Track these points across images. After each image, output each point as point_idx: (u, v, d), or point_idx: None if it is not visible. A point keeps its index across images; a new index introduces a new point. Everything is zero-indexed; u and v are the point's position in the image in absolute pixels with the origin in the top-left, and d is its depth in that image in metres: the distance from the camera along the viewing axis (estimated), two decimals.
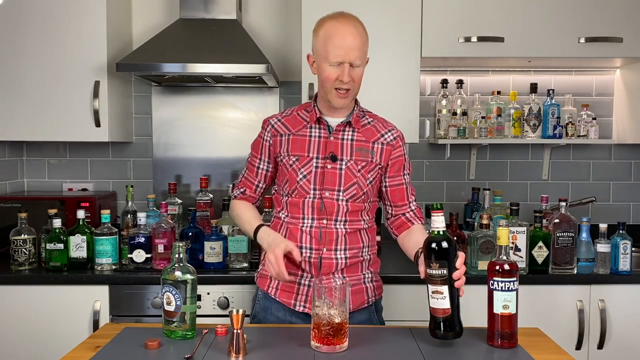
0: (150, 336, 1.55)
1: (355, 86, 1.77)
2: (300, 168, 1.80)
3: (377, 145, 1.83)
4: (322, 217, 1.79)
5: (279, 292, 1.84)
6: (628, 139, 2.91)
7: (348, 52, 1.71)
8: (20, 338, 2.35)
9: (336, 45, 1.70)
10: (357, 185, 1.80)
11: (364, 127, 1.85)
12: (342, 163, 1.80)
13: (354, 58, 1.71)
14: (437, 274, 1.49)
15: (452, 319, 1.50)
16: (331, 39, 1.71)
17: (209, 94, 2.99)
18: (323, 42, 1.73)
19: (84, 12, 2.59)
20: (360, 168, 1.80)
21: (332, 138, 1.81)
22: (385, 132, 1.86)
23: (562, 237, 2.41)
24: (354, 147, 1.81)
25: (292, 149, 1.82)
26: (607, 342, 2.41)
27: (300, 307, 1.82)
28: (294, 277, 1.78)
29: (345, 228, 1.80)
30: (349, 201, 1.80)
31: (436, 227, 1.51)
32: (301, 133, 1.83)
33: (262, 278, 1.91)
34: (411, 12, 2.61)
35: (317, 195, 1.79)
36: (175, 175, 3.00)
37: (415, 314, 2.34)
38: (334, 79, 1.73)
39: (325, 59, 1.73)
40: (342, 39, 1.71)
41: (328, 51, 1.72)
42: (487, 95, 2.95)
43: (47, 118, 2.61)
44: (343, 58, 1.71)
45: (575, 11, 2.61)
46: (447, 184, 3.07)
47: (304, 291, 1.81)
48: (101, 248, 2.40)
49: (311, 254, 1.79)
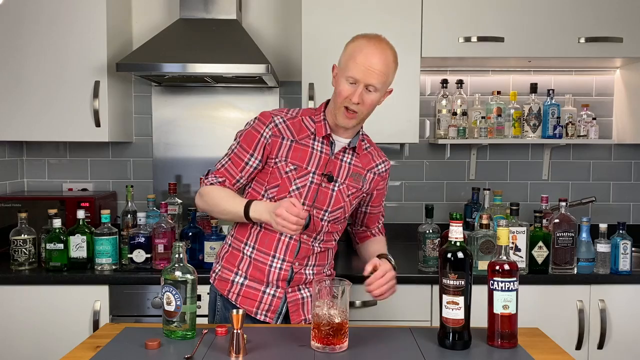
0: (150, 336, 1.55)
1: (364, 111, 1.71)
2: (295, 178, 1.75)
3: (369, 174, 1.86)
4: (304, 232, 1.77)
5: (240, 299, 1.80)
6: (628, 139, 2.91)
7: (367, 73, 1.65)
8: (20, 338, 2.35)
9: (358, 63, 1.66)
10: (342, 209, 1.81)
11: (363, 152, 1.86)
12: (336, 185, 1.79)
13: (371, 80, 1.66)
14: (454, 285, 1.49)
15: (462, 330, 1.50)
16: (356, 55, 1.67)
17: (209, 94, 2.99)
18: (347, 57, 1.69)
19: (84, 12, 2.59)
20: (350, 194, 1.82)
21: (334, 157, 1.79)
22: (379, 163, 1.89)
23: (562, 237, 2.41)
24: (351, 171, 1.82)
25: (291, 157, 1.76)
26: (607, 342, 2.41)
27: (261, 316, 1.79)
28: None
29: (320, 247, 1.83)
30: (330, 222, 1.81)
31: (454, 238, 1.51)
32: (304, 143, 1.77)
33: (222, 281, 1.84)
34: (411, 12, 2.61)
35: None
36: (175, 175, 3.00)
37: (415, 314, 2.35)
38: (345, 96, 1.68)
39: (344, 74, 1.69)
40: (365, 58, 1.65)
41: (348, 67, 1.67)
42: (487, 95, 2.95)
43: (47, 118, 2.61)
44: (360, 77, 1.66)
45: (575, 11, 2.61)
46: (447, 184, 3.07)
47: (268, 300, 1.79)
48: (101, 248, 2.40)
49: (282, 266, 1.78)
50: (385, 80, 1.69)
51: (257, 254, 1.79)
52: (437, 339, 1.55)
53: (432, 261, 2.40)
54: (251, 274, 1.79)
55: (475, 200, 2.89)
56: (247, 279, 1.80)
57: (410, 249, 2.67)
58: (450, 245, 1.51)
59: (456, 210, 2.43)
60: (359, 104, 1.68)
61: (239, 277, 1.81)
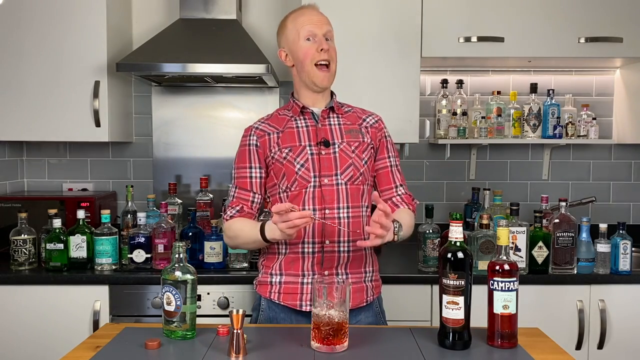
0: (150, 336, 1.55)
1: (335, 59, 1.80)
2: (295, 158, 1.78)
3: (363, 128, 1.86)
4: (323, 207, 1.76)
5: (282, 296, 1.81)
6: (628, 139, 2.91)
7: (318, 25, 1.78)
8: (20, 338, 2.35)
9: (306, 22, 1.77)
10: (353, 167, 1.79)
11: (346, 113, 1.88)
12: (335, 147, 1.80)
13: (325, 31, 1.78)
14: (454, 285, 1.49)
15: (462, 330, 1.51)
16: (299, 19, 1.79)
17: (209, 94, 2.99)
18: (292, 27, 1.80)
19: (84, 12, 2.59)
20: (354, 149, 1.81)
21: (320, 125, 1.82)
22: (366, 117, 1.89)
23: (562, 237, 2.41)
24: (343, 130, 1.83)
25: (282, 142, 1.80)
26: (607, 342, 2.41)
27: (307, 307, 1.78)
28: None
29: (348, 216, 1.77)
30: (347, 183, 1.78)
31: (454, 238, 1.51)
32: (288, 127, 1.83)
33: (262, 285, 1.86)
34: (411, 12, 2.61)
35: (317, 183, 1.76)
36: (175, 175, 3.00)
37: (415, 314, 2.34)
38: (312, 52, 1.76)
39: (298, 38, 1.78)
40: (309, 16, 1.79)
41: (299, 31, 1.78)
42: (487, 95, 2.95)
43: (47, 118, 2.61)
44: (315, 30, 1.77)
45: (575, 11, 2.61)
46: (447, 184, 3.07)
47: (308, 290, 1.78)
48: (101, 248, 2.40)
49: (314, 249, 1.76)
50: (333, 31, 1.82)
51: (289, 248, 1.80)
52: (437, 339, 1.55)
53: (432, 261, 2.40)
54: (286, 269, 1.80)
55: (475, 200, 2.89)
56: (284, 275, 1.81)
57: (410, 249, 2.67)
58: (450, 245, 1.51)
59: (456, 210, 2.43)
60: (328, 50, 1.77)
61: (276, 276, 1.83)
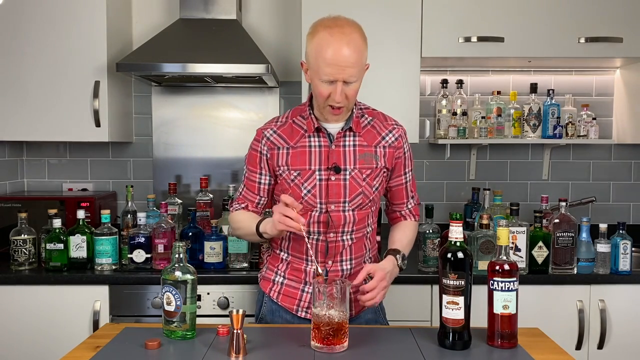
0: (150, 336, 1.55)
1: (350, 102, 1.66)
2: (303, 183, 1.71)
3: (379, 150, 1.75)
4: (329, 230, 1.74)
5: (281, 297, 1.82)
6: (628, 139, 2.91)
7: (341, 70, 1.57)
8: (20, 338, 2.35)
9: (328, 62, 1.57)
10: (362, 195, 1.73)
11: (364, 128, 1.76)
12: (346, 173, 1.72)
13: (347, 76, 1.58)
14: (454, 285, 1.49)
15: (462, 330, 1.51)
16: (323, 54, 1.57)
17: (209, 94, 2.99)
18: (315, 56, 1.60)
19: (84, 12, 2.59)
20: (365, 177, 1.73)
21: (334, 147, 1.72)
22: (386, 134, 1.77)
23: (562, 237, 2.41)
24: (357, 153, 1.73)
25: (292, 163, 1.73)
26: (607, 342, 2.41)
27: (302, 313, 1.80)
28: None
29: (352, 238, 1.78)
30: (355, 210, 1.74)
31: (454, 238, 1.51)
32: (300, 144, 1.73)
33: (265, 281, 1.87)
34: (411, 12, 2.61)
35: (323, 209, 1.72)
36: (175, 175, 3.00)
37: (415, 314, 2.34)
38: (327, 96, 1.62)
39: (317, 75, 1.61)
40: (334, 55, 1.56)
41: (319, 67, 1.59)
42: (487, 95, 2.95)
43: (47, 118, 2.61)
44: (336, 77, 1.58)
45: (575, 11, 2.61)
46: (447, 184, 3.07)
47: (307, 298, 1.79)
48: (101, 248, 2.40)
49: (317, 266, 1.75)
50: (361, 66, 1.62)
51: (292, 258, 1.81)
52: (437, 339, 1.55)
53: (432, 261, 2.40)
54: (289, 274, 1.81)
55: (475, 200, 2.89)
56: (286, 278, 1.82)
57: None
58: (450, 245, 1.51)
59: (456, 210, 2.43)
60: (343, 100, 1.62)
61: (279, 277, 1.84)
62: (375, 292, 1.62)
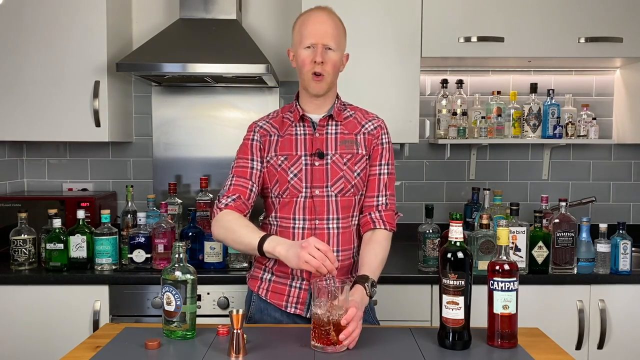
0: (150, 336, 1.55)
1: (329, 70, 1.77)
2: (290, 167, 1.79)
3: (360, 136, 1.84)
4: (313, 217, 1.78)
5: (269, 294, 1.83)
6: (628, 139, 2.91)
7: (321, 35, 1.76)
8: (20, 338, 2.35)
9: (309, 29, 1.78)
10: (344, 179, 1.79)
11: (346, 119, 1.86)
12: (328, 158, 1.80)
13: (326, 40, 1.76)
14: (454, 285, 1.49)
15: (462, 330, 1.51)
16: (305, 24, 1.79)
17: (209, 94, 2.99)
18: (298, 30, 1.81)
19: (84, 12, 2.59)
20: (346, 161, 1.80)
21: (317, 134, 1.82)
22: (365, 123, 1.86)
23: (562, 237, 2.41)
24: (338, 140, 1.82)
25: (280, 149, 1.81)
26: (607, 342, 2.41)
27: (291, 309, 1.80)
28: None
29: (338, 227, 1.79)
30: (337, 195, 1.79)
31: (454, 238, 1.51)
32: (288, 133, 1.83)
33: (253, 279, 1.89)
34: (411, 12, 2.61)
35: (308, 194, 1.78)
36: (175, 175, 3.00)
37: (415, 314, 2.35)
38: (309, 61, 1.76)
39: (300, 44, 1.79)
40: (314, 24, 1.78)
41: (302, 36, 1.78)
42: (487, 95, 2.95)
43: (47, 118, 2.61)
44: (316, 40, 1.76)
45: (575, 11, 2.61)
46: (447, 184, 3.07)
47: (295, 293, 1.80)
48: (101, 248, 2.40)
49: None
50: (339, 40, 1.80)
51: None
52: (437, 339, 1.55)
53: (432, 261, 2.40)
54: (276, 270, 1.82)
55: (475, 200, 2.89)
56: (274, 274, 1.83)
57: (410, 249, 2.67)
58: (450, 245, 1.51)
59: (456, 210, 2.43)
60: (323, 63, 1.75)
61: (267, 273, 1.85)
62: (357, 332, 1.51)
